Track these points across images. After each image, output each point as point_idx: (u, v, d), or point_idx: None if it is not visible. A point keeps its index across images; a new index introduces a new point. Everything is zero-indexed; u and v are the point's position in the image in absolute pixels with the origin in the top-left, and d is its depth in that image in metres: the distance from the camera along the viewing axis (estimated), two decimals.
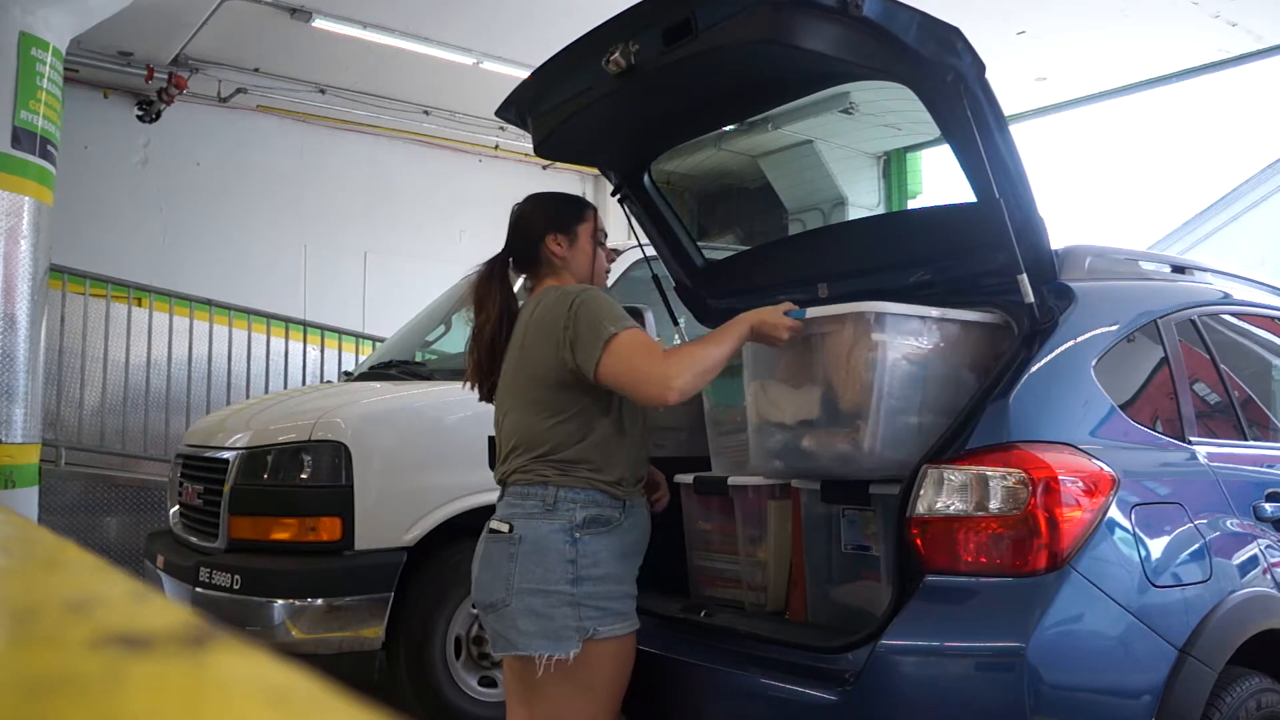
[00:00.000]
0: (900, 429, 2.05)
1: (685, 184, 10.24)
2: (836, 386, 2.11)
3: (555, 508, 2.03)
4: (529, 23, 6.80)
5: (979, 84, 2.02)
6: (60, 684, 0.29)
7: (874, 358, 2.03)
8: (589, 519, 2.02)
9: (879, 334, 2.03)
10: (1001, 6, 6.77)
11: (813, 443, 2.14)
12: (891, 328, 2.05)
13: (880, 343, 2.03)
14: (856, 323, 2.06)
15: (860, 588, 2.22)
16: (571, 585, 1.99)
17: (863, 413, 2.04)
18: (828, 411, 2.13)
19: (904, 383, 2.07)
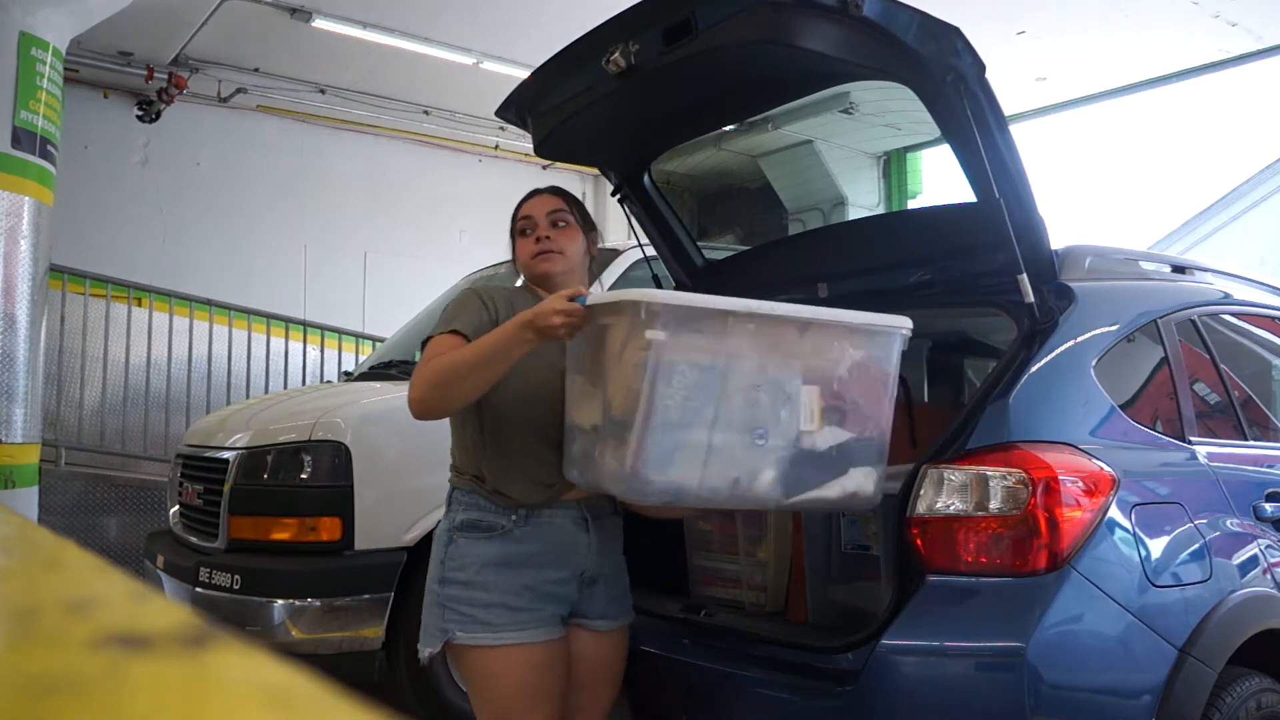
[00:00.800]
0: (676, 448, 1.67)
1: (685, 184, 10.24)
2: (608, 390, 1.76)
3: (449, 506, 2.04)
4: (529, 23, 6.80)
5: (979, 84, 2.02)
6: (60, 684, 0.29)
7: (645, 359, 1.65)
8: (466, 522, 1.96)
9: (654, 330, 1.64)
10: (1001, 6, 6.77)
11: (596, 453, 1.80)
12: (672, 323, 1.66)
13: (654, 341, 1.64)
14: (631, 315, 1.68)
15: (860, 588, 2.22)
16: (439, 585, 1.97)
17: (629, 424, 1.67)
18: (606, 419, 1.76)
19: (687, 392, 1.68)
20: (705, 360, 1.70)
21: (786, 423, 1.76)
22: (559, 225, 2.11)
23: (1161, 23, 7.04)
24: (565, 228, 2.11)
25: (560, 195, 2.18)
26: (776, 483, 1.75)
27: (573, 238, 2.11)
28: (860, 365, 1.83)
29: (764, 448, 1.74)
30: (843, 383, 1.82)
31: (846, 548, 2.25)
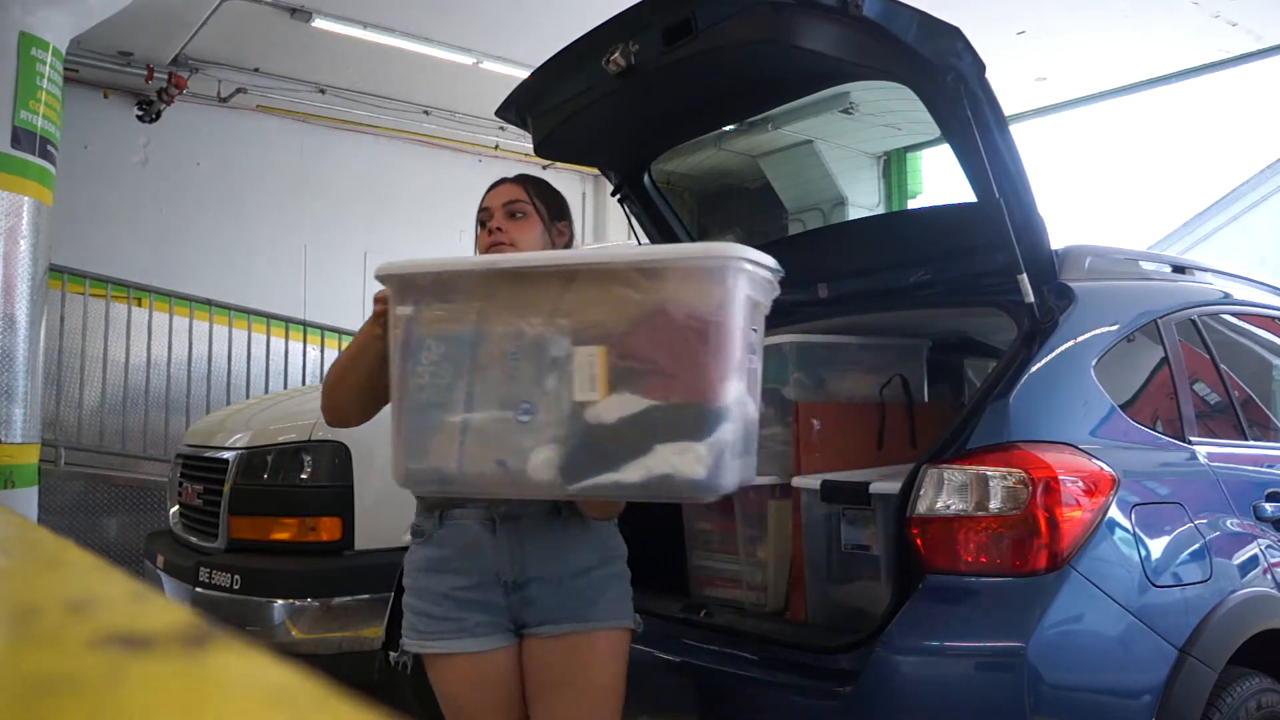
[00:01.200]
0: (431, 431, 1.54)
1: (685, 184, 10.24)
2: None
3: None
4: (529, 23, 6.80)
5: (979, 84, 2.02)
6: (60, 684, 0.29)
7: (397, 335, 1.55)
8: (412, 527, 1.95)
9: (403, 306, 1.54)
10: (1001, 6, 6.77)
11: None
12: (416, 295, 1.54)
13: (402, 317, 1.55)
14: (391, 293, 1.58)
15: (860, 588, 2.22)
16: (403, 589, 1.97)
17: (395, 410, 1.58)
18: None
19: (434, 368, 1.53)
20: (453, 330, 1.53)
21: (556, 393, 1.46)
22: (515, 216, 1.98)
23: (1161, 23, 7.03)
24: (521, 219, 1.98)
25: (522, 184, 2.03)
26: (552, 465, 1.46)
27: (527, 229, 1.97)
28: (656, 314, 1.43)
29: (530, 424, 1.48)
30: (632, 338, 1.44)
31: (846, 548, 2.25)
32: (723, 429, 1.41)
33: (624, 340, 1.45)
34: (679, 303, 1.43)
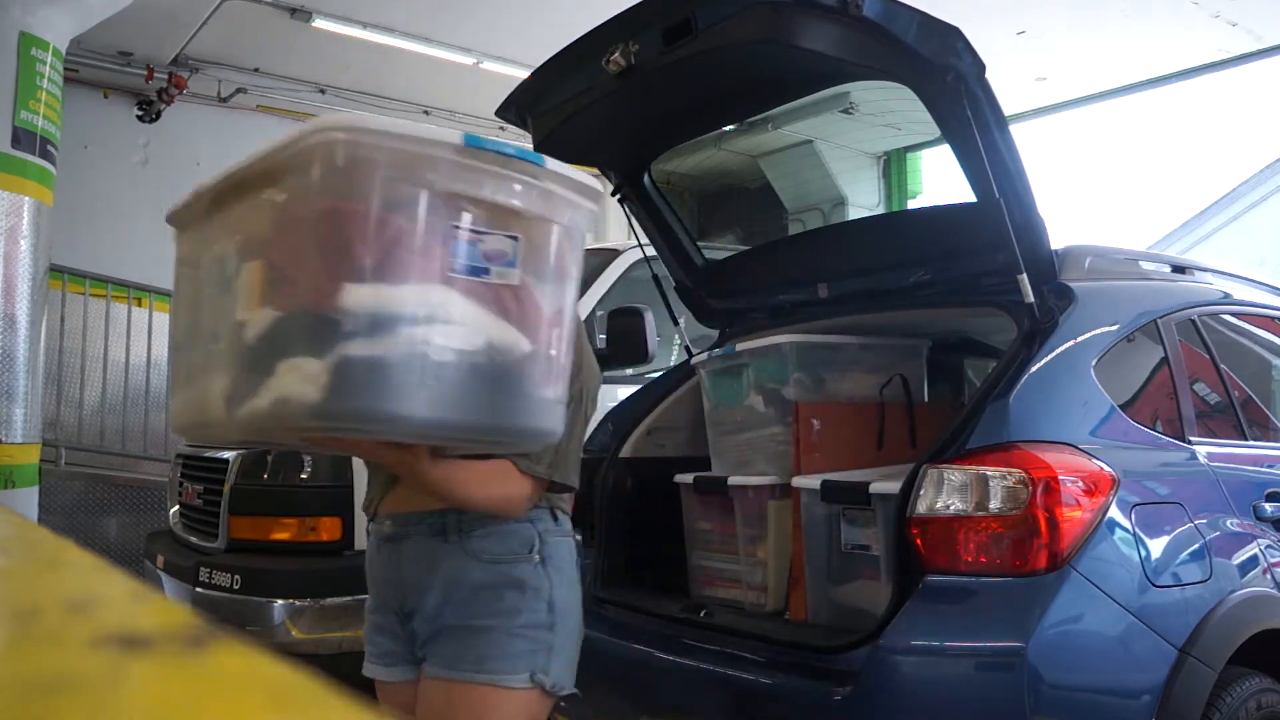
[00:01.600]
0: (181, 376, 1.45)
1: (685, 184, 10.24)
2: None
3: None
4: (529, 23, 6.79)
5: (979, 84, 2.02)
6: (60, 684, 0.29)
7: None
8: None
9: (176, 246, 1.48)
10: (1001, 6, 6.77)
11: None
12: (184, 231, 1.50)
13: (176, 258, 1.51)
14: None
15: (860, 588, 2.22)
16: None
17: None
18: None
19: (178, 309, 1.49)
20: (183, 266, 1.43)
21: (229, 316, 1.31)
22: None
23: (1161, 23, 7.03)
24: None
25: None
26: (222, 395, 1.29)
27: None
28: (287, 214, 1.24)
29: (215, 353, 1.34)
30: (275, 245, 1.27)
31: (846, 547, 2.25)
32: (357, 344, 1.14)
33: (271, 249, 1.28)
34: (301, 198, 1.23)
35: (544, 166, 1.31)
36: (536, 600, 1.60)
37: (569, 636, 1.65)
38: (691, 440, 2.87)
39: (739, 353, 2.61)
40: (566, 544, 1.70)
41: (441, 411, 1.23)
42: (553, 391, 1.34)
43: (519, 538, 1.62)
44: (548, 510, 1.68)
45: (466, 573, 1.59)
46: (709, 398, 2.73)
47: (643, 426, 2.82)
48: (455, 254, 1.22)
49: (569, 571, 1.68)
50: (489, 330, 1.25)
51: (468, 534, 1.61)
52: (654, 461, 2.79)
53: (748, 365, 2.59)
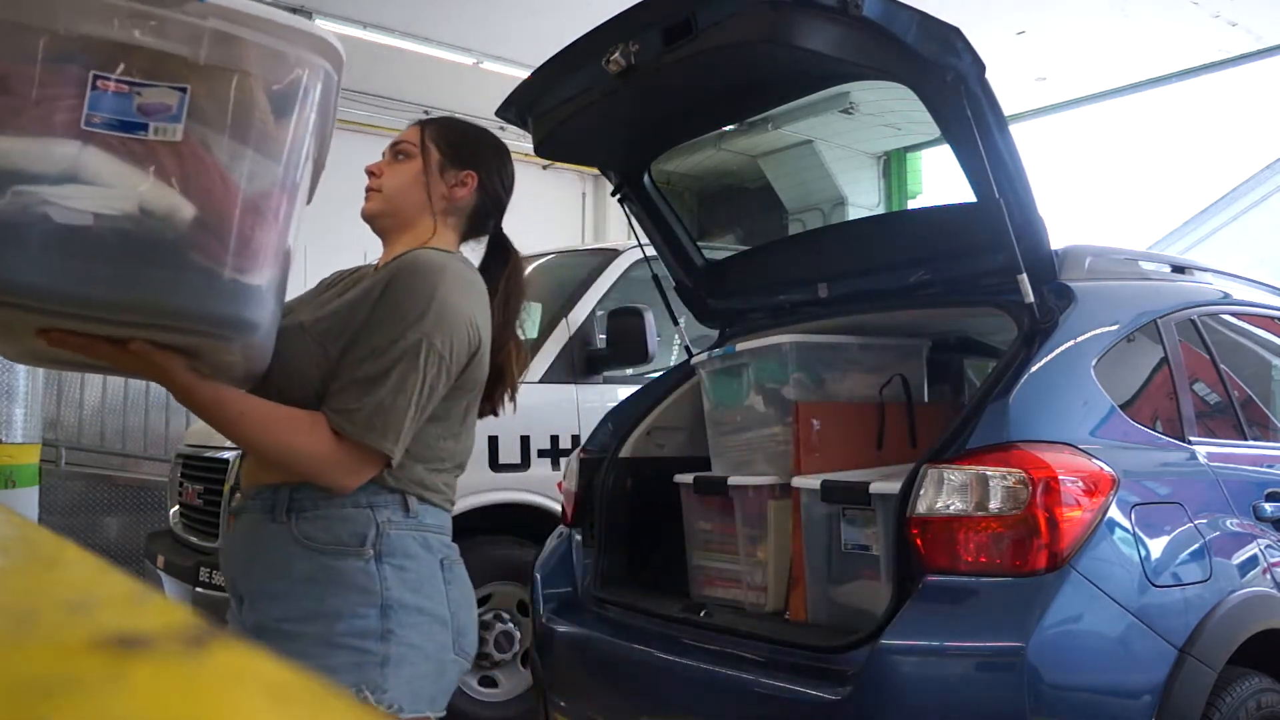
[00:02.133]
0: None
1: (685, 184, 10.24)
2: None
3: None
4: (529, 23, 6.80)
5: (979, 84, 2.02)
6: (60, 684, 0.29)
7: None
8: None
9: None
10: (1001, 6, 6.77)
11: None
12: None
13: None
14: None
15: (860, 588, 2.22)
16: None
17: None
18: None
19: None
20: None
21: None
22: (397, 158, 1.67)
23: (1161, 23, 7.04)
24: (401, 160, 1.66)
25: (422, 125, 1.72)
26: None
27: (403, 171, 1.65)
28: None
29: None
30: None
31: (846, 547, 2.25)
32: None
33: None
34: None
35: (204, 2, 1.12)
36: (365, 603, 1.41)
37: (414, 647, 1.44)
38: (691, 440, 2.87)
39: (739, 353, 2.61)
40: (418, 540, 1.48)
41: (69, 281, 1.08)
42: (249, 275, 1.18)
43: (350, 526, 1.43)
44: (398, 497, 1.48)
45: (289, 560, 1.42)
46: (709, 398, 2.73)
47: (642, 426, 2.82)
48: (96, 106, 1.08)
49: (418, 571, 1.47)
50: (144, 194, 1.10)
51: (298, 514, 1.44)
52: (654, 461, 2.79)
53: (748, 365, 2.60)
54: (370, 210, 1.67)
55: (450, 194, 1.66)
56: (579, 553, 2.67)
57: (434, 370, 1.44)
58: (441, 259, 1.54)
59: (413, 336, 1.42)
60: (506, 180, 1.77)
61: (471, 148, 1.71)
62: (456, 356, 1.47)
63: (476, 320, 1.52)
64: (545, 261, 4.53)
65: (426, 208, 1.64)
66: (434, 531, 1.53)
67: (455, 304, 1.48)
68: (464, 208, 1.69)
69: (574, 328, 3.86)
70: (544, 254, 4.63)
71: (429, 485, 1.53)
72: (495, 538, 3.58)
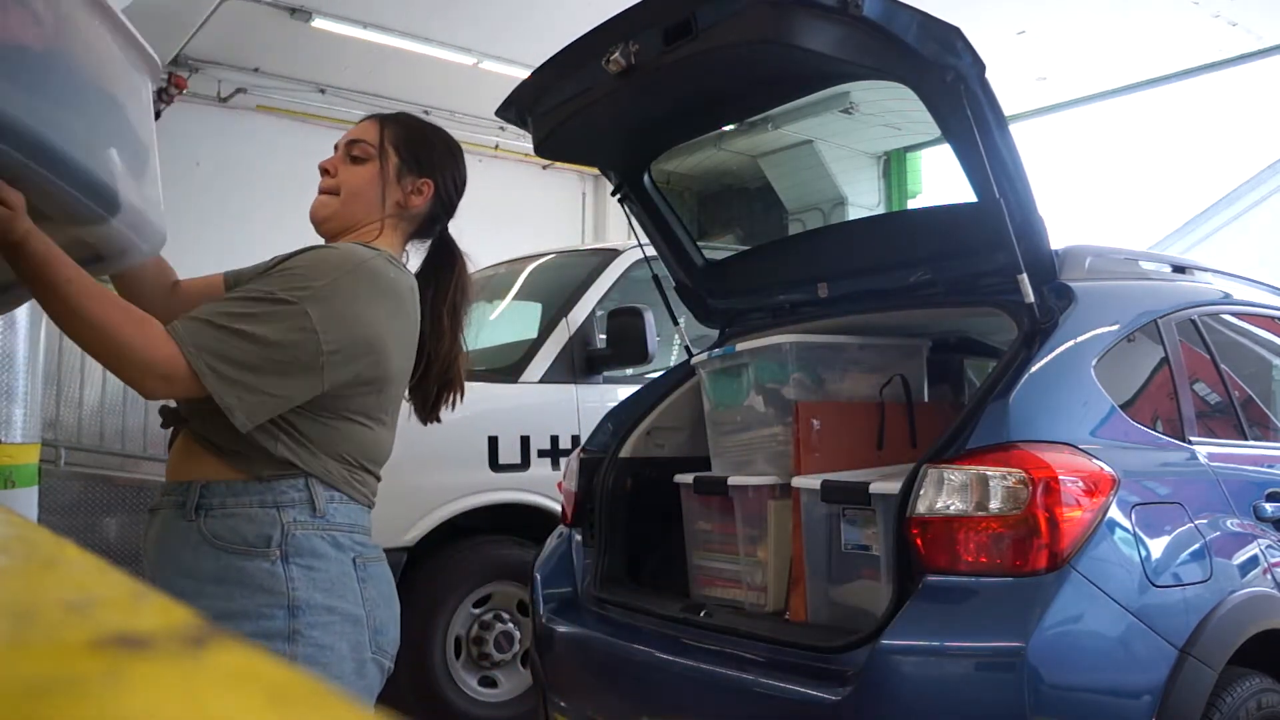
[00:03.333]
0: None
1: (685, 184, 10.24)
2: None
3: None
4: (529, 23, 6.80)
5: (979, 84, 2.02)
6: (60, 684, 0.29)
7: None
8: None
9: None
10: (1001, 6, 6.78)
11: None
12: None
13: None
14: None
15: (860, 588, 2.22)
16: None
17: None
18: None
19: None
20: None
21: None
22: (354, 160, 1.63)
23: (1161, 23, 7.04)
24: (355, 163, 1.62)
25: (380, 122, 1.67)
26: None
27: (359, 174, 1.61)
28: None
29: None
30: None
31: (846, 548, 2.25)
32: None
33: None
34: None
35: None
36: (271, 604, 1.39)
37: (324, 648, 1.42)
38: (691, 440, 2.87)
39: (739, 353, 2.61)
40: (327, 539, 1.45)
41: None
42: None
43: (255, 527, 1.41)
44: (305, 496, 1.44)
45: (197, 560, 1.41)
46: (709, 398, 2.73)
47: (642, 426, 2.82)
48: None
49: (328, 571, 1.44)
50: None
51: (207, 513, 1.42)
52: (654, 461, 2.79)
53: (748, 365, 2.60)
54: (323, 215, 1.62)
55: (406, 201, 1.63)
56: (579, 553, 2.67)
57: (294, 337, 1.38)
58: (367, 252, 1.50)
59: (292, 297, 1.38)
60: (460, 184, 1.72)
61: (430, 153, 1.67)
62: (337, 341, 1.41)
63: (379, 317, 1.47)
64: (545, 261, 4.53)
65: (378, 213, 1.61)
66: (344, 530, 1.49)
67: (356, 289, 1.44)
68: (417, 215, 1.65)
69: (574, 328, 3.86)
70: (544, 254, 4.63)
71: (339, 479, 1.49)
72: (495, 538, 3.58)
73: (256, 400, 1.36)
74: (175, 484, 1.48)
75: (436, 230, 1.72)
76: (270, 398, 1.38)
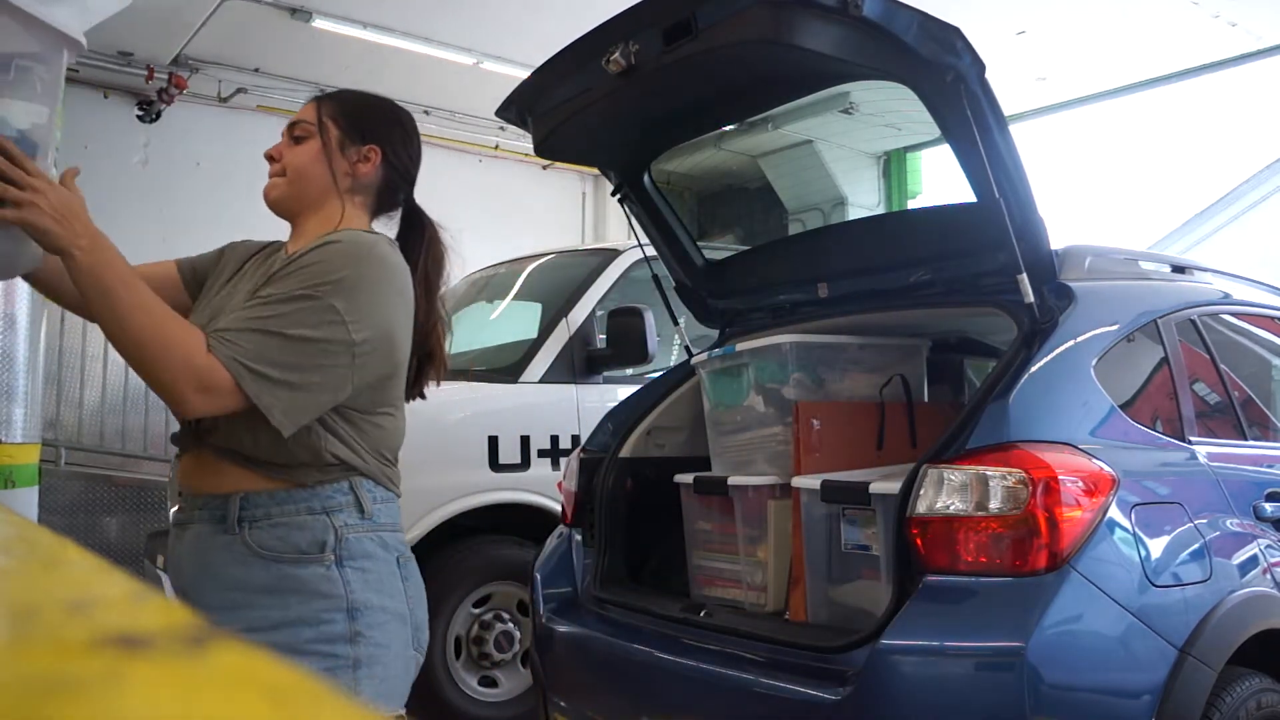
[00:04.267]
0: None
1: (685, 184, 10.24)
2: None
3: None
4: (529, 23, 6.79)
5: (979, 84, 2.02)
6: (60, 684, 0.29)
7: None
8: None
9: None
10: (1001, 6, 6.77)
11: None
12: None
13: None
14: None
15: (860, 588, 2.22)
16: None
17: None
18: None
19: None
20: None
21: None
22: (296, 140, 1.62)
23: (1161, 23, 7.03)
24: (298, 143, 1.61)
25: (318, 101, 1.66)
26: None
27: (303, 153, 1.60)
28: None
29: None
30: None
31: (846, 548, 2.25)
32: None
33: None
34: None
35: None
36: (330, 608, 1.40)
37: (382, 647, 1.44)
38: (691, 440, 2.87)
39: (739, 353, 2.61)
40: (375, 540, 1.48)
41: None
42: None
43: (308, 534, 1.41)
44: (351, 499, 1.46)
45: (247, 572, 1.40)
46: (709, 398, 2.73)
47: (642, 426, 2.82)
48: None
49: (379, 571, 1.47)
50: None
51: (251, 524, 1.41)
52: (654, 461, 2.79)
53: (748, 365, 2.60)
54: (274, 196, 1.62)
55: (354, 170, 1.61)
56: (579, 553, 2.67)
57: (327, 331, 1.39)
58: (370, 239, 1.52)
59: (317, 292, 1.39)
60: (414, 151, 1.70)
61: (371, 121, 1.65)
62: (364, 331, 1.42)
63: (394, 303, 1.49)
64: (545, 261, 4.53)
65: (331, 188, 1.59)
66: (389, 530, 1.51)
67: (372, 278, 1.45)
68: (370, 184, 1.64)
69: (574, 328, 3.86)
70: (544, 254, 4.63)
71: (381, 476, 1.51)
72: (495, 538, 3.58)
73: (295, 399, 1.37)
74: (208, 497, 1.46)
75: (400, 201, 1.71)
76: (308, 396, 1.39)
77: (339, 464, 1.46)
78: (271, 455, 1.43)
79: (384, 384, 1.51)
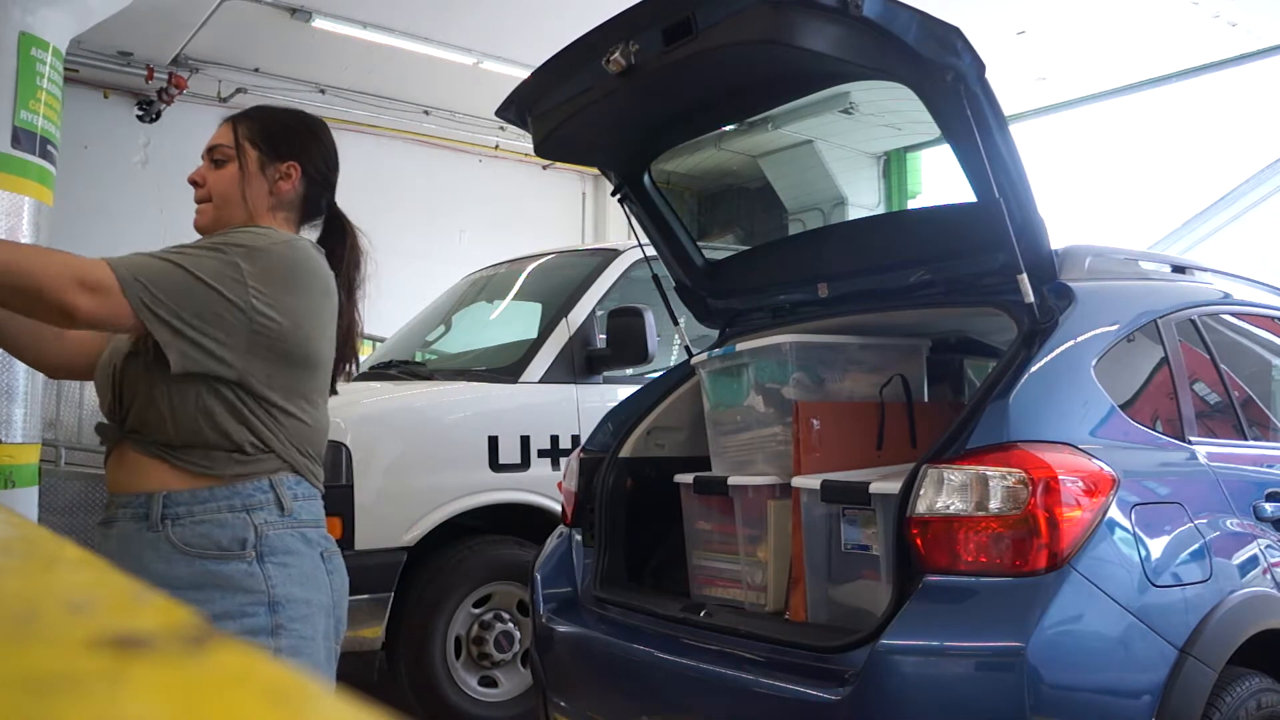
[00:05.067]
0: None
1: (685, 184, 10.24)
2: None
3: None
4: (529, 23, 6.80)
5: (979, 84, 2.02)
6: (60, 684, 0.29)
7: None
8: None
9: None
10: (1001, 6, 6.78)
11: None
12: None
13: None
14: None
15: (860, 588, 2.22)
16: None
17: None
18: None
19: None
20: None
21: None
22: (216, 164, 1.64)
23: (1161, 23, 7.04)
24: (218, 167, 1.63)
25: (233, 122, 1.66)
26: None
27: (224, 177, 1.62)
28: None
29: None
30: None
31: (846, 548, 2.25)
32: None
33: None
34: None
35: None
36: (252, 602, 1.43)
37: (306, 639, 1.47)
38: (691, 440, 2.87)
39: (739, 353, 2.61)
40: (297, 536, 1.50)
41: None
42: None
43: (229, 531, 1.44)
44: (271, 497, 1.48)
45: (171, 568, 1.42)
46: (709, 398, 2.73)
47: (642, 426, 2.82)
48: None
49: (301, 566, 1.49)
50: None
51: (174, 521, 1.43)
52: (654, 461, 2.79)
53: (748, 365, 2.60)
54: (203, 223, 1.64)
55: (276, 189, 1.64)
56: (579, 553, 2.67)
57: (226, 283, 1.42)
58: (289, 234, 1.58)
59: (224, 249, 1.44)
60: (330, 159, 1.74)
61: (287, 138, 1.67)
62: (267, 299, 1.45)
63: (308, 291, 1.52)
64: (545, 261, 4.53)
65: (256, 209, 1.63)
66: (311, 526, 1.54)
67: (280, 258, 1.49)
68: (293, 200, 1.67)
69: (574, 328, 3.86)
70: (544, 254, 4.63)
71: (304, 469, 1.54)
72: (495, 538, 3.58)
73: (186, 341, 1.40)
74: (130, 495, 1.48)
75: (324, 208, 1.75)
76: (198, 335, 1.41)
77: (256, 451, 1.48)
78: (190, 439, 1.45)
79: (296, 373, 1.53)
